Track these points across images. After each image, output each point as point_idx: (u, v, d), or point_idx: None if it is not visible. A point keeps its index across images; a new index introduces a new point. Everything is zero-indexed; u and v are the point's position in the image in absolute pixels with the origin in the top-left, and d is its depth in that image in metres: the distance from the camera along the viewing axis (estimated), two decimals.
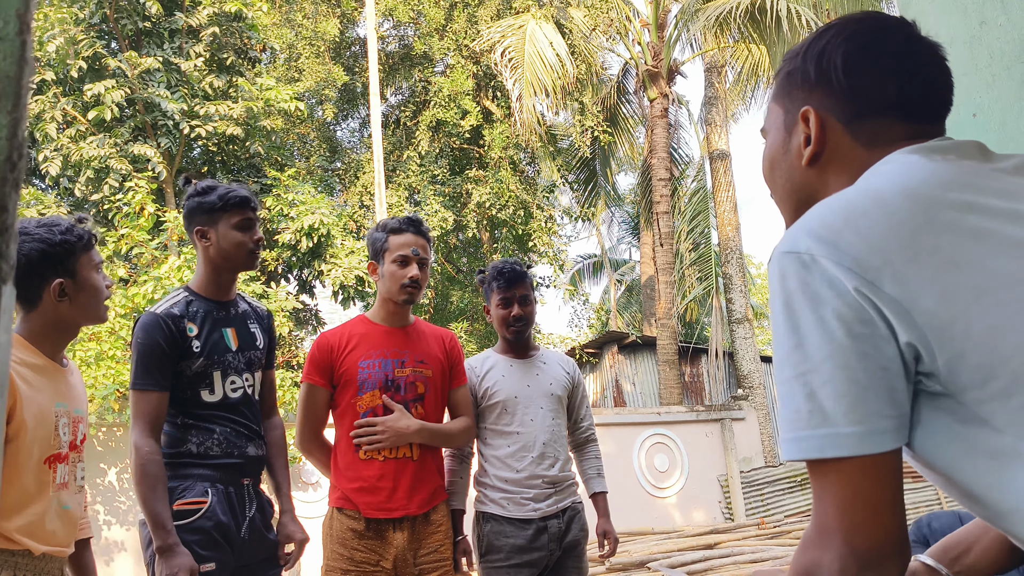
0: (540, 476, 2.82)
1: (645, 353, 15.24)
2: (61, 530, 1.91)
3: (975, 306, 0.82)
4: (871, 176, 0.98)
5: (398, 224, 2.70)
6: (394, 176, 14.78)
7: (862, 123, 1.04)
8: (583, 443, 3.12)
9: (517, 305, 2.93)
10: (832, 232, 0.88)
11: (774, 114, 1.15)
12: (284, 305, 10.05)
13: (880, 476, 0.84)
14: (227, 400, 2.38)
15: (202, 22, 11.05)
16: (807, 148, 1.07)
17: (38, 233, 1.93)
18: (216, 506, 2.28)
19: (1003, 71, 1.74)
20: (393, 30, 16.85)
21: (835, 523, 0.84)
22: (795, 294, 0.88)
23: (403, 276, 2.64)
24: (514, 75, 12.26)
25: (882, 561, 0.83)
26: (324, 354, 2.64)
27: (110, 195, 9.99)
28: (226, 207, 2.41)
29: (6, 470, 1.80)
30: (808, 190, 1.10)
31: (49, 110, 10.35)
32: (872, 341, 0.84)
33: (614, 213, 24.28)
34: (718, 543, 7.57)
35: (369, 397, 2.59)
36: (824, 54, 1.06)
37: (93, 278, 2.00)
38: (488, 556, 2.80)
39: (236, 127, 10.82)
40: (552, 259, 15.45)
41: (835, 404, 0.84)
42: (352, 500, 2.54)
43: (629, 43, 14.15)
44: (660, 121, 13.11)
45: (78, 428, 1.98)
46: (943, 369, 0.83)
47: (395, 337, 2.69)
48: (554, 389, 2.94)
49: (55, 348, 1.97)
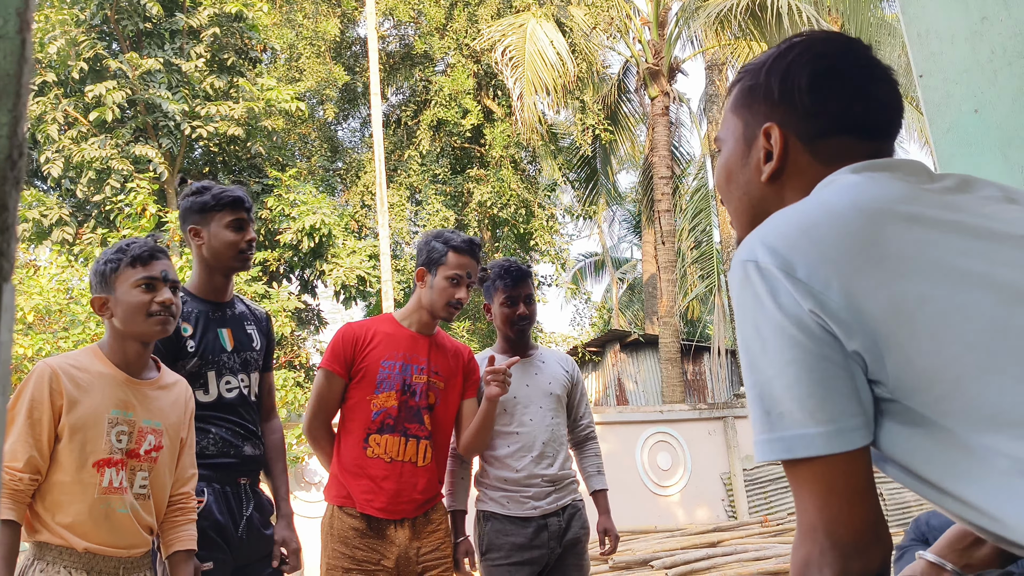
0: (540, 475, 2.82)
1: (647, 351, 15.23)
2: (114, 532, 1.96)
3: (919, 313, 0.85)
4: (823, 190, 1.01)
5: (461, 243, 2.68)
6: (395, 176, 14.79)
7: (823, 142, 1.06)
8: (583, 441, 3.12)
9: (523, 304, 2.93)
10: (786, 243, 0.91)
11: (732, 125, 1.16)
12: (286, 305, 10.06)
13: (852, 471, 0.87)
14: (222, 400, 2.39)
15: (203, 23, 11.06)
16: (767, 164, 1.09)
17: (104, 254, 2.08)
18: (212, 505, 2.29)
19: (1005, 67, 1.73)
20: (394, 29, 16.86)
21: (815, 519, 0.88)
22: (755, 301, 0.91)
23: (452, 295, 2.64)
24: (515, 74, 12.25)
25: (865, 549, 0.87)
26: (348, 345, 2.64)
27: (112, 196, 10.00)
28: (219, 206, 2.43)
29: (50, 467, 1.92)
30: (764, 204, 1.11)
31: (50, 111, 10.37)
32: (829, 345, 0.87)
33: (615, 211, 24.30)
34: (721, 541, 7.56)
35: (384, 397, 2.59)
36: (789, 72, 1.08)
37: (130, 294, 2.03)
38: (489, 554, 2.80)
39: (237, 127, 10.83)
40: (554, 258, 15.46)
41: (801, 405, 0.87)
42: (353, 497, 2.54)
43: (630, 41, 14.15)
44: (661, 119, 13.10)
45: (144, 438, 2.03)
46: (891, 375, 0.86)
47: (419, 343, 2.70)
48: (553, 388, 2.94)
49: (127, 360, 2.05)
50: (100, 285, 2.04)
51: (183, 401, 2.17)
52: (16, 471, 1.85)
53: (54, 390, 1.89)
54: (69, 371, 1.94)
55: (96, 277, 2.05)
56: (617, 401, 14.79)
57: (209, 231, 2.43)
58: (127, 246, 2.07)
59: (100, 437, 1.95)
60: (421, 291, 2.70)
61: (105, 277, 2.04)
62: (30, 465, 1.86)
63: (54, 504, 1.91)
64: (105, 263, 2.04)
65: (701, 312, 15.47)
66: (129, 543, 2.00)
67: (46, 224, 10.17)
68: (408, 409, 2.61)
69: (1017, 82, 1.71)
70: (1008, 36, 1.72)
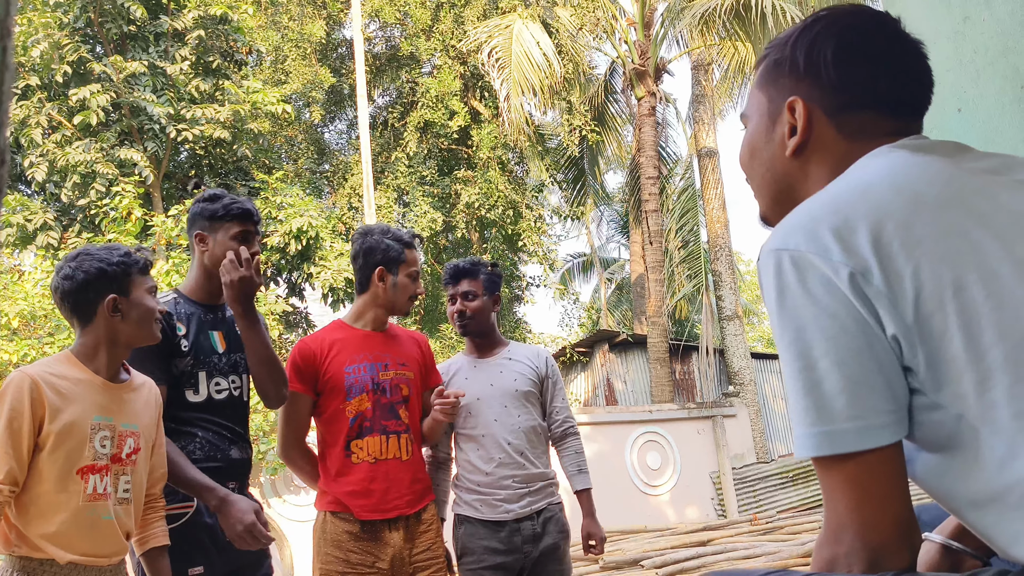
0: (510, 476, 2.81)
1: (636, 351, 15.25)
2: (97, 540, 1.94)
3: (953, 301, 0.83)
4: (857, 170, 0.98)
5: (411, 239, 2.80)
6: (383, 178, 14.76)
7: (848, 116, 1.04)
8: (561, 438, 3.04)
9: (460, 300, 2.95)
10: (821, 228, 0.88)
11: (757, 101, 1.14)
12: (273, 308, 10.02)
13: (883, 469, 0.85)
14: (211, 401, 2.39)
15: (187, 25, 11.00)
16: (792, 138, 1.07)
17: (99, 254, 2.04)
18: (203, 509, 2.28)
19: (987, 66, 1.75)
20: (380, 31, 16.82)
21: (846, 520, 0.86)
22: (787, 292, 0.88)
23: (414, 290, 2.76)
24: (501, 75, 12.25)
25: (895, 551, 0.85)
26: (307, 361, 2.63)
27: (97, 200, 9.93)
28: (227, 217, 2.44)
29: (30, 478, 1.87)
30: (788, 180, 1.10)
31: (34, 115, 10.28)
32: (865, 338, 0.84)
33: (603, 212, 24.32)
34: (711, 540, 7.58)
35: (357, 402, 2.59)
36: (815, 45, 1.05)
37: (146, 299, 2.08)
38: (464, 559, 2.81)
39: (223, 130, 10.77)
40: (542, 258, 15.47)
41: (832, 400, 0.85)
42: (344, 503, 2.54)
43: (616, 42, 14.17)
44: (648, 119, 13.13)
45: (125, 442, 2.03)
46: (922, 363, 0.84)
47: (375, 341, 2.70)
48: (519, 385, 2.91)
49: (107, 364, 2.04)
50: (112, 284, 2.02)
51: (153, 402, 2.16)
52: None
53: (35, 399, 1.85)
54: (49, 379, 1.90)
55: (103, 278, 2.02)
56: (606, 401, 14.81)
57: (215, 239, 2.44)
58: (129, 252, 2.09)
59: (84, 444, 1.93)
60: (379, 289, 2.71)
61: (117, 279, 2.03)
62: (10, 477, 1.82)
63: (38, 515, 1.87)
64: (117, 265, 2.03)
65: (689, 312, 15.52)
66: (111, 551, 1.98)
67: (30, 229, 10.08)
68: (382, 407, 2.60)
69: (999, 81, 1.72)
70: (990, 36, 1.74)
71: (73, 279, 2.00)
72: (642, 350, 14.67)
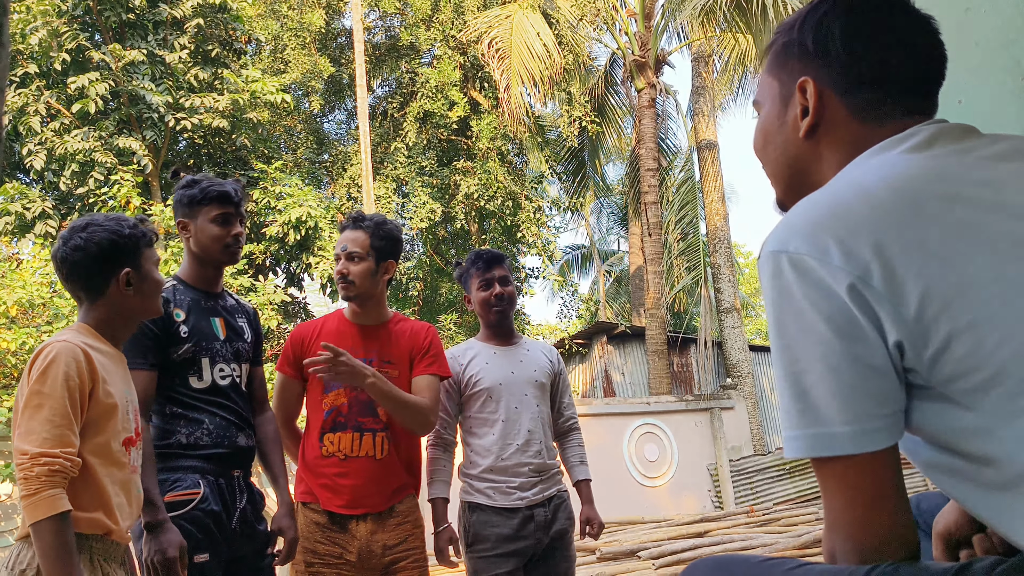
0: (526, 464, 2.81)
1: (634, 343, 15.26)
2: (132, 515, 1.94)
3: (960, 300, 0.82)
4: (854, 169, 0.98)
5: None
6: (382, 168, 14.73)
7: (859, 94, 1.03)
8: (566, 431, 3.11)
9: (498, 284, 2.94)
10: (819, 230, 0.88)
11: (768, 86, 1.13)
12: (272, 298, 10.02)
13: (876, 471, 0.86)
14: (216, 386, 2.38)
15: (186, 14, 10.97)
16: (804, 119, 1.06)
17: (109, 225, 1.98)
18: (209, 496, 2.28)
19: (989, 57, 1.74)
20: (379, 21, 16.77)
21: (839, 517, 0.88)
22: (784, 294, 0.88)
23: None
24: (501, 65, 12.22)
25: (885, 553, 0.86)
26: (296, 345, 2.66)
27: (95, 188, 9.92)
28: (205, 200, 2.43)
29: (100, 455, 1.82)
30: (802, 163, 1.09)
31: (33, 103, 10.26)
32: (862, 343, 0.85)
33: (602, 204, 24.28)
34: (708, 531, 7.61)
35: (334, 396, 2.58)
36: (822, 24, 1.05)
37: (155, 272, 2.06)
38: (475, 546, 2.79)
39: (222, 119, 10.76)
40: (541, 250, 15.45)
41: (827, 404, 0.86)
42: (315, 494, 2.56)
43: (616, 33, 14.13)
44: (648, 111, 13.10)
45: (136, 416, 2.02)
46: (927, 362, 0.84)
47: (367, 336, 2.67)
48: (538, 376, 2.93)
49: (117, 338, 2.02)
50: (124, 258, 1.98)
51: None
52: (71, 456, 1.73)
53: (88, 370, 1.80)
54: (91, 352, 1.85)
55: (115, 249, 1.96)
56: (604, 393, 14.82)
57: (196, 224, 2.44)
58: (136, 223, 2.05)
59: (124, 416, 1.91)
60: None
61: (129, 252, 1.99)
62: (68, 443, 1.74)
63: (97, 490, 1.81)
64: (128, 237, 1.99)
65: (688, 304, 15.52)
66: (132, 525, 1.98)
67: (29, 217, 10.06)
68: (360, 403, 2.58)
69: (1000, 72, 1.72)
70: (991, 27, 1.73)
71: (85, 250, 1.92)
72: (640, 342, 14.68)
